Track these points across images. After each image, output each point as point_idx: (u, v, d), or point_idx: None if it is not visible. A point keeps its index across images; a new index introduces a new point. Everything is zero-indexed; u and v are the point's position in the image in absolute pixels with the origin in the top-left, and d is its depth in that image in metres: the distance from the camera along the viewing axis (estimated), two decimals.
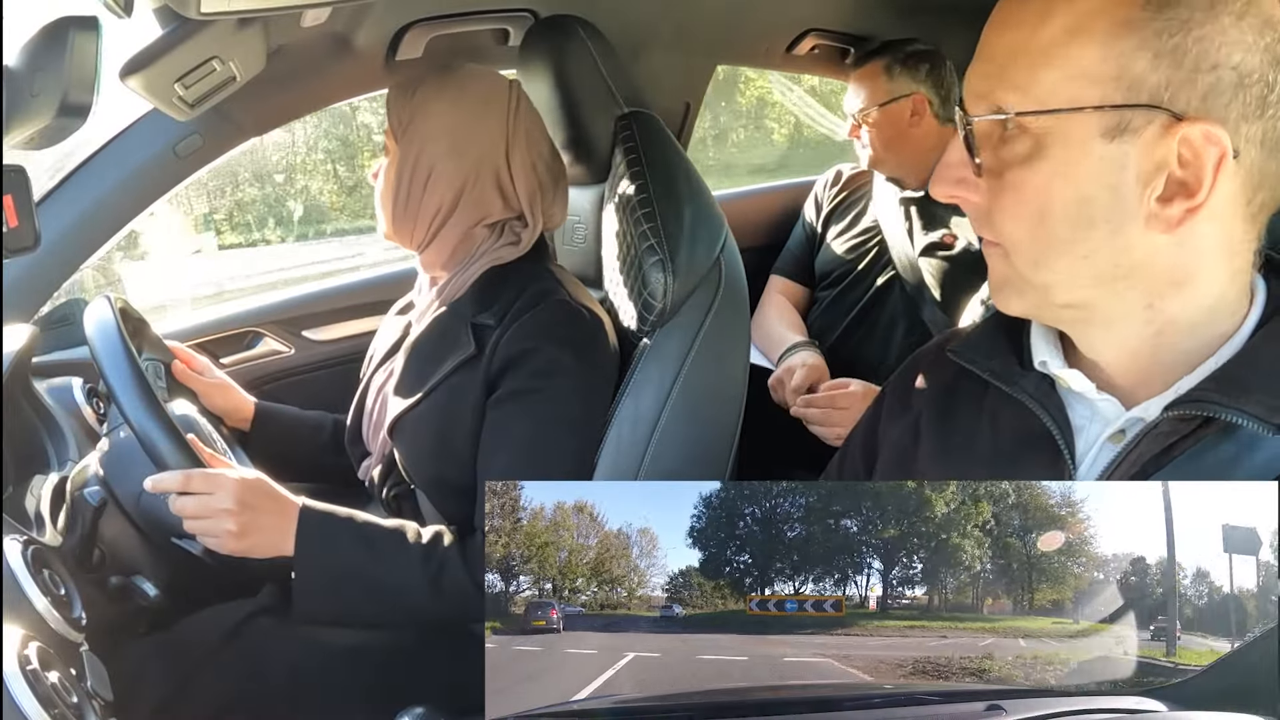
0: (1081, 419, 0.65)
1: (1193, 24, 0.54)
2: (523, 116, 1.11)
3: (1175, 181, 0.56)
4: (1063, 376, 0.65)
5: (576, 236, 1.40)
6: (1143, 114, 0.55)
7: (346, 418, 1.26)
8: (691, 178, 1.19)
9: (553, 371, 1.04)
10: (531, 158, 1.10)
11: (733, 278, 1.18)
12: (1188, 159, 0.55)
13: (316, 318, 1.70)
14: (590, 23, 1.25)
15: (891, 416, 0.79)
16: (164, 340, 1.26)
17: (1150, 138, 0.55)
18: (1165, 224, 0.56)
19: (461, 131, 1.07)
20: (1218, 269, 0.59)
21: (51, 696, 0.71)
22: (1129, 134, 0.55)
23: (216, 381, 1.27)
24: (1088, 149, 0.56)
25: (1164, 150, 0.55)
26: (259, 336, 1.65)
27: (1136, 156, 0.56)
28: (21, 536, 0.88)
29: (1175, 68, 0.54)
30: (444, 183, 1.08)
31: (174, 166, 1.39)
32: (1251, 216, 0.59)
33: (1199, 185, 0.55)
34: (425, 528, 1.04)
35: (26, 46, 0.80)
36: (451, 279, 1.12)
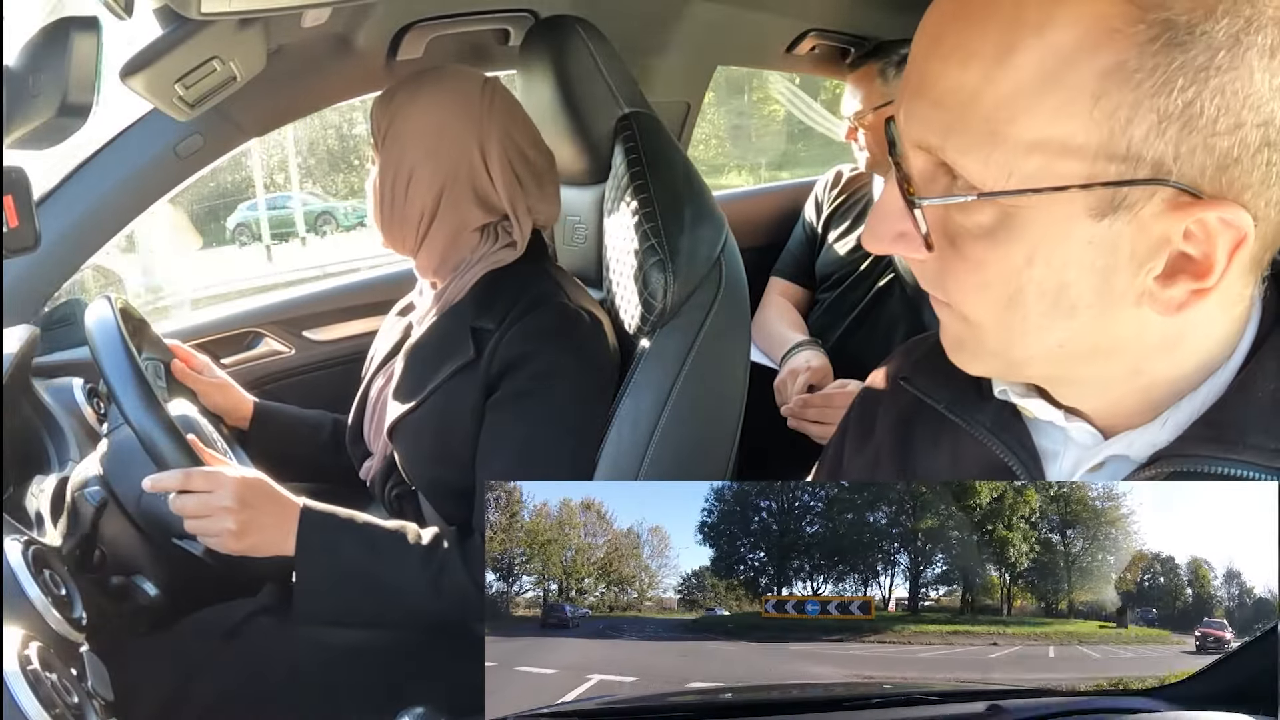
0: (1053, 444, 0.58)
1: (1210, 72, 0.41)
2: (497, 115, 1.09)
3: (1178, 256, 0.46)
4: (1025, 407, 0.57)
5: (576, 236, 1.39)
6: (1143, 189, 0.43)
7: (347, 417, 1.26)
8: (691, 178, 1.19)
9: (552, 374, 1.04)
10: (509, 156, 1.09)
11: (733, 278, 1.18)
12: (1197, 237, 0.45)
13: (316, 318, 1.70)
14: (590, 23, 1.25)
15: (854, 448, 0.72)
16: (164, 340, 1.26)
17: (1151, 213, 0.44)
18: (1165, 306, 0.46)
19: (435, 134, 1.07)
20: (1215, 325, 0.50)
21: (51, 696, 0.71)
22: (1123, 210, 0.44)
23: (216, 381, 1.27)
24: (1070, 230, 0.45)
25: (1167, 226, 0.44)
26: (259, 337, 1.65)
27: (1131, 235, 0.45)
28: (21, 536, 0.88)
29: (1186, 131, 0.42)
30: (423, 186, 1.08)
31: (174, 166, 1.39)
32: (1256, 266, 0.49)
33: (1209, 268, 0.45)
34: (425, 529, 1.04)
35: (26, 46, 0.80)
36: (450, 282, 1.12)
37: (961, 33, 0.45)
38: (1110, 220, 0.44)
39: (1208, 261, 0.45)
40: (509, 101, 1.12)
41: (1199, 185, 0.43)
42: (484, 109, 1.08)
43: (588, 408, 1.09)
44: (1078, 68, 0.42)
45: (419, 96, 1.08)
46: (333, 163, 12.01)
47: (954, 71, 0.45)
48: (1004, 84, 0.44)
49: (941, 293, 0.52)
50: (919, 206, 0.48)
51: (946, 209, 0.48)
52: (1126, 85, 0.42)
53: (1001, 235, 0.47)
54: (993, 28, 0.44)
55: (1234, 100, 0.41)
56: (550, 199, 1.15)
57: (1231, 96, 0.41)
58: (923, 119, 0.47)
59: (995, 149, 0.45)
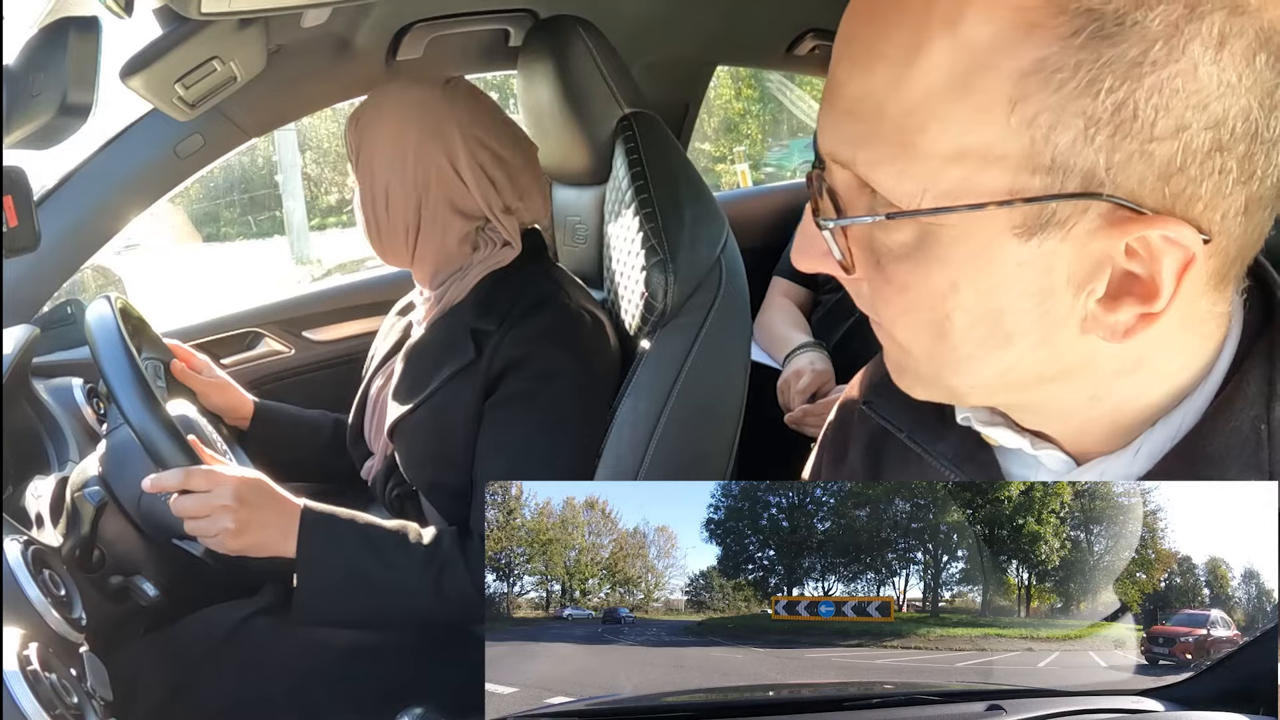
0: (1024, 470, 0.54)
1: (1145, 68, 0.35)
2: (462, 121, 1.06)
3: (1123, 275, 0.40)
4: (990, 435, 0.53)
5: (577, 236, 1.40)
6: (1072, 203, 0.38)
7: (347, 417, 1.26)
8: (692, 178, 1.19)
9: (552, 374, 1.04)
10: (479, 159, 1.07)
11: (733, 278, 1.18)
12: (1140, 255, 0.39)
13: (316, 318, 1.70)
14: (590, 23, 1.25)
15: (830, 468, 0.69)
16: (163, 339, 1.26)
17: (1085, 230, 0.39)
18: (1110, 331, 0.41)
19: (401, 152, 1.06)
20: (1180, 345, 0.45)
21: (51, 696, 0.71)
22: (1053, 228, 0.39)
23: (215, 380, 1.27)
24: (996, 251, 0.40)
25: (1105, 244, 0.39)
26: (259, 337, 1.65)
27: (1068, 255, 0.40)
28: (21, 536, 0.88)
29: (1120, 136, 0.36)
30: (400, 204, 1.07)
31: (174, 166, 1.40)
32: (1223, 282, 0.43)
33: (1155, 291, 0.40)
34: (426, 529, 1.04)
35: (26, 46, 0.80)
36: (451, 285, 1.12)
37: (872, 33, 0.40)
38: (1040, 239, 0.39)
39: (1154, 283, 0.40)
40: (474, 103, 1.09)
41: (1138, 198, 0.38)
42: (446, 117, 1.06)
43: (588, 408, 1.09)
44: (992, 68, 0.37)
45: (382, 115, 1.07)
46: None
47: (861, 76, 0.40)
48: (913, 88, 0.39)
49: (873, 314, 0.48)
50: (825, 229, 0.44)
51: (870, 225, 0.43)
52: (1047, 87, 0.36)
53: (923, 256, 0.42)
54: (902, 26, 0.39)
55: (1175, 99, 0.36)
56: (531, 195, 1.13)
57: (1171, 95, 0.36)
58: (833, 129, 0.43)
59: (908, 162, 0.40)
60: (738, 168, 8.93)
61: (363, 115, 1.09)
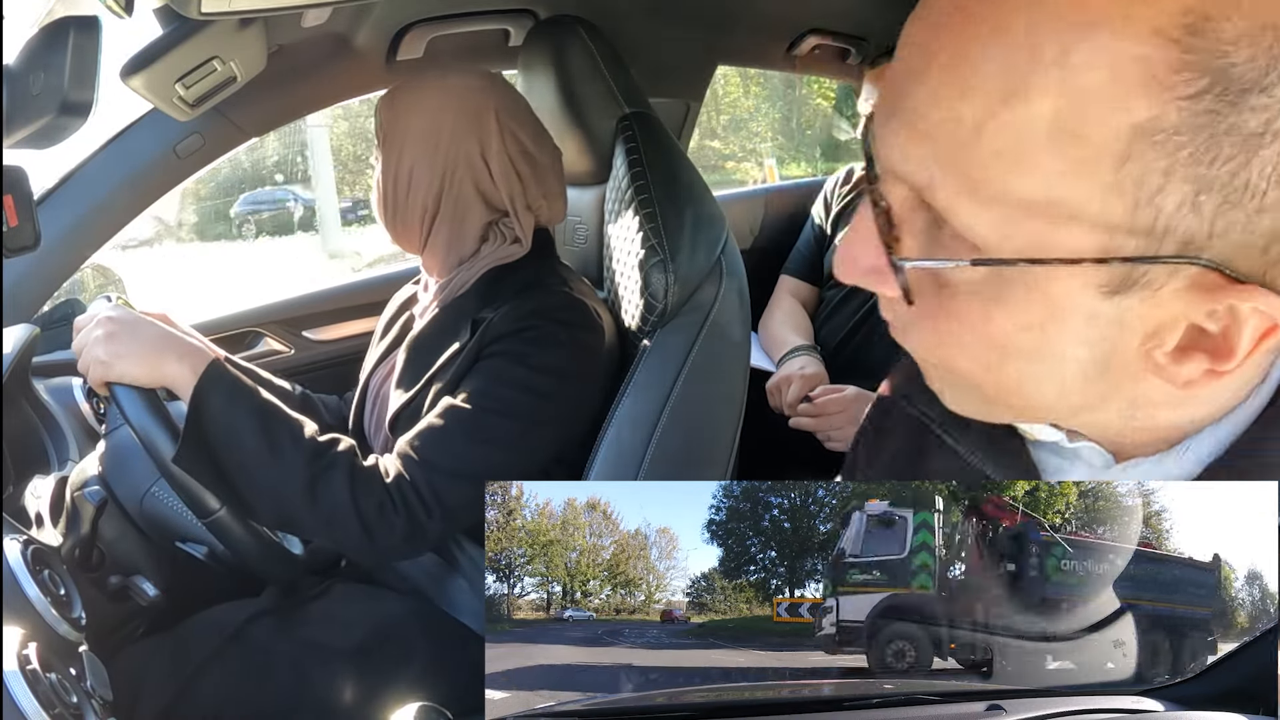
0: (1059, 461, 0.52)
1: (1267, 137, 0.33)
2: (500, 112, 1.08)
3: (1197, 331, 0.39)
4: (1026, 430, 0.52)
5: (577, 236, 1.40)
6: (1164, 266, 0.36)
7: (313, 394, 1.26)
8: (692, 178, 1.19)
9: (546, 343, 1.01)
10: (510, 152, 1.08)
11: (733, 278, 1.18)
12: (1222, 317, 0.38)
13: (316, 318, 1.70)
14: (591, 23, 1.25)
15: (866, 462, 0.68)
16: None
17: (1170, 291, 0.37)
18: (1173, 379, 0.40)
19: (434, 133, 1.06)
20: (1237, 386, 0.44)
21: (51, 696, 0.71)
22: (1139, 289, 0.37)
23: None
24: (1073, 304, 0.38)
25: (1187, 306, 0.38)
26: (259, 336, 1.66)
27: (1143, 312, 0.38)
28: (21, 536, 0.88)
29: (1228, 205, 0.34)
30: (424, 185, 1.08)
31: (174, 166, 1.40)
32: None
33: (1230, 352, 0.38)
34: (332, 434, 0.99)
35: (26, 46, 0.80)
36: (455, 276, 1.12)
37: (961, 56, 0.37)
38: (1121, 297, 0.37)
39: (1229, 345, 0.38)
40: (512, 98, 1.11)
41: (1233, 264, 0.36)
42: (484, 105, 1.08)
43: (569, 391, 1.04)
44: (1102, 122, 0.34)
45: (422, 96, 1.08)
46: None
47: (948, 102, 0.37)
48: (1008, 128, 0.35)
49: (916, 342, 0.46)
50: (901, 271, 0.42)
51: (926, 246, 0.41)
52: (1162, 149, 0.34)
53: (991, 297, 0.40)
54: (1000, 53, 0.35)
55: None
56: (554, 196, 1.14)
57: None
58: (903, 149, 0.39)
59: (993, 203, 0.37)
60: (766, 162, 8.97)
61: (399, 95, 1.09)
